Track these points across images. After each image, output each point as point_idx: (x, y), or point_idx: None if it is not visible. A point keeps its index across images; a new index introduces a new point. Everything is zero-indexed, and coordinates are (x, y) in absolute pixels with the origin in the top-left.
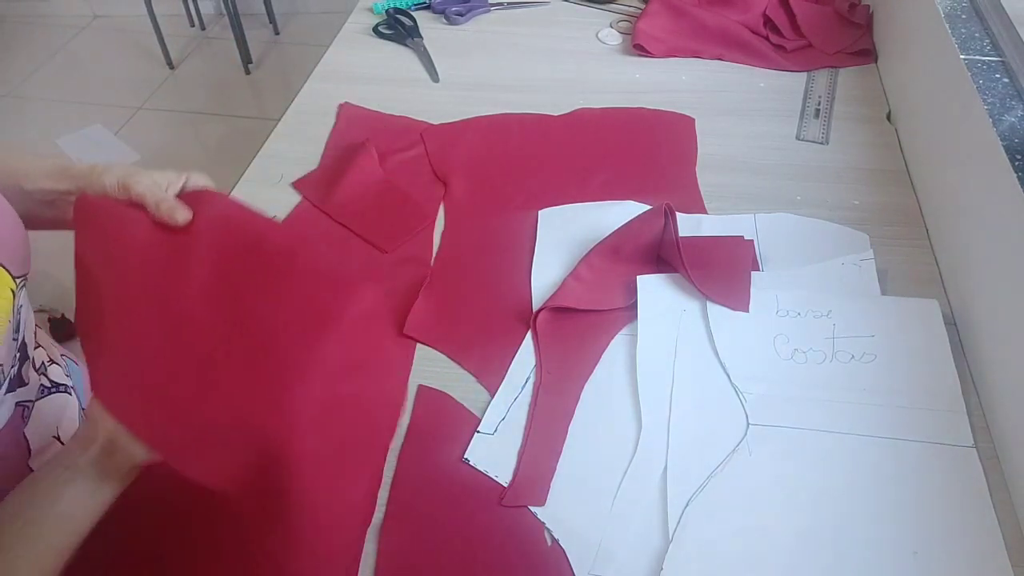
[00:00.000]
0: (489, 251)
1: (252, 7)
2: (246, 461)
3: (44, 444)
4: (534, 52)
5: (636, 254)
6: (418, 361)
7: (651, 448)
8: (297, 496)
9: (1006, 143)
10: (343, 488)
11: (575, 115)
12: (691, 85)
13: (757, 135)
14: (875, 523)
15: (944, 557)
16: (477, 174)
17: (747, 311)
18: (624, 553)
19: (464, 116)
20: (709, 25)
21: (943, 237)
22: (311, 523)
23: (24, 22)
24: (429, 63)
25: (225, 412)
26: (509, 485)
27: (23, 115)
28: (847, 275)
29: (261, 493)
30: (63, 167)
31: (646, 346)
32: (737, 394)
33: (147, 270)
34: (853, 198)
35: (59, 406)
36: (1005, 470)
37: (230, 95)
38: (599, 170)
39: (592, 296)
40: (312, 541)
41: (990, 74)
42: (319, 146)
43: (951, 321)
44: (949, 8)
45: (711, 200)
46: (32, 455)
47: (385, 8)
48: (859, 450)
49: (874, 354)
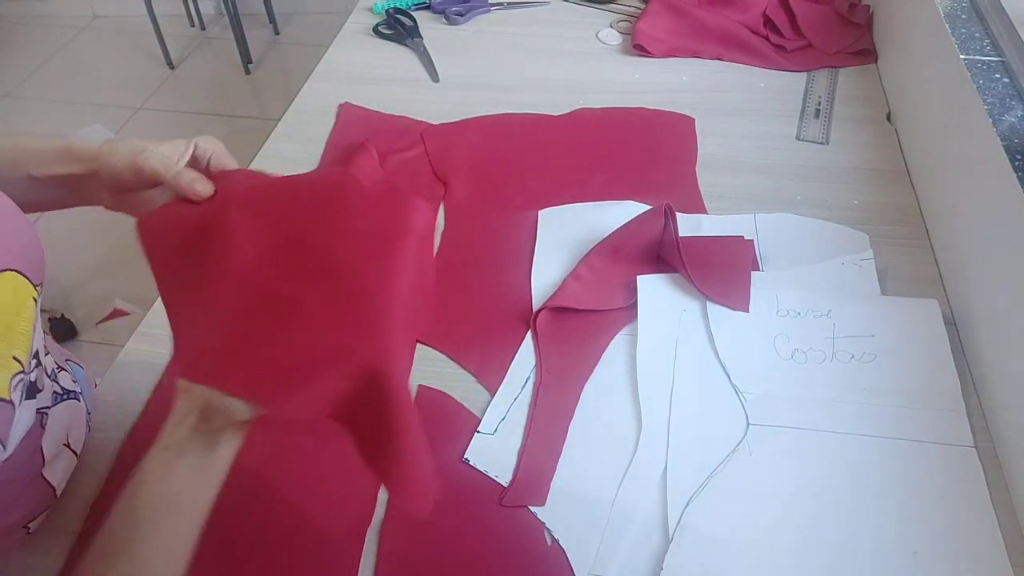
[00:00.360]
0: (489, 251)
1: (252, 7)
2: (345, 388)
3: (55, 452)
4: (534, 52)
5: (636, 254)
6: (418, 361)
7: (651, 448)
8: (404, 412)
9: (1006, 143)
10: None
11: (575, 115)
12: (691, 85)
13: (757, 135)
14: (875, 523)
15: (944, 557)
16: (477, 174)
17: (747, 311)
18: (624, 553)
19: (464, 116)
20: (709, 25)
21: (943, 237)
22: (417, 438)
23: (24, 22)
24: (429, 63)
25: (315, 346)
26: (509, 485)
27: (23, 115)
28: (847, 275)
29: (368, 415)
30: (68, 148)
31: (646, 346)
32: (737, 394)
33: (201, 247)
34: (853, 198)
35: (70, 414)
36: (1005, 470)
37: (230, 95)
38: (599, 170)
39: (592, 296)
40: (422, 456)
41: (990, 74)
42: (319, 146)
43: (951, 321)
44: (949, 8)
45: (711, 200)
46: (45, 464)
47: (385, 8)
48: (859, 450)
49: (874, 354)
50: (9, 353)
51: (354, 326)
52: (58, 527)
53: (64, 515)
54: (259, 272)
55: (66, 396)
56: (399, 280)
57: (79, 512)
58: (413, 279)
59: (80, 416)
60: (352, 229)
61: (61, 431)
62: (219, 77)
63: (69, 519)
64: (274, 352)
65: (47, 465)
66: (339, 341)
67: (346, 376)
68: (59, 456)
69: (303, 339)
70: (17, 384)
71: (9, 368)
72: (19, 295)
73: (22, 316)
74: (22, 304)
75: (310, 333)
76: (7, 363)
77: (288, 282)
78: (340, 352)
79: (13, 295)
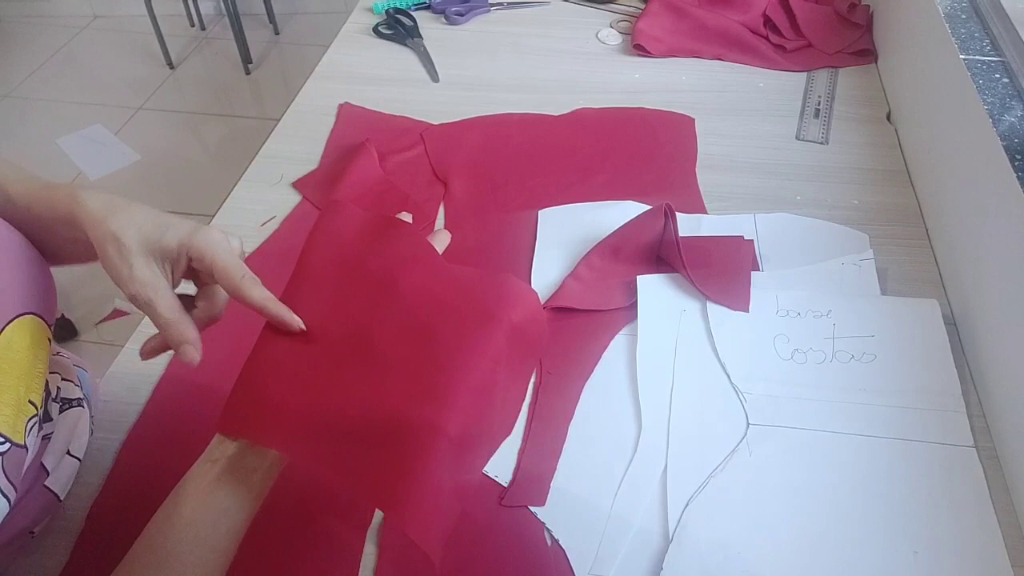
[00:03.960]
0: (489, 251)
1: (252, 7)
2: (381, 453)
3: (57, 462)
4: (534, 52)
5: (636, 254)
6: None
7: (651, 448)
8: (423, 473)
9: (1006, 143)
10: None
11: (575, 115)
12: (691, 85)
13: (757, 135)
14: (875, 523)
15: (944, 557)
16: (477, 174)
17: (747, 311)
18: (624, 553)
19: (464, 116)
20: (709, 25)
21: (943, 237)
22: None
23: (24, 22)
24: (429, 63)
25: (379, 408)
26: (509, 485)
27: (23, 115)
28: (847, 275)
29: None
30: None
31: (646, 346)
32: (737, 394)
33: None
34: (853, 198)
35: (70, 423)
36: (1005, 470)
37: (230, 95)
38: (599, 170)
39: (592, 296)
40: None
41: (990, 74)
42: (319, 146)
43: (951, 321)
44: (949, 8)
45: (711, 200)
46: (49, 475)
47: (385, 8)
48: (859, 450)
49: (874, 354)
50: (26, 397)
51: (421, 397)
52: (58, 527)
53: (64, 515)
54: (340, 311)
55: (67, 406)
56: (477, 363)
57: (79, 512)
58: (507, 371)
59: (83, 422)
60: (446, 302)
61: (63, 443)
62: (219, 77)
63: (69, 519)
64: (334, 410)
65: (50, 476)
66: (401, 408)
67: (391, 443)
68: (61, 465)
69: (367, 396)
70: (32, 427)
71: (26, 413)
72: (35, 338)
73: (39, 359)
74: (38, 347)
75: (378, 389)
76: (24, 408)
77: (369, 328)
78: (399, 420)
79: (31, 339)
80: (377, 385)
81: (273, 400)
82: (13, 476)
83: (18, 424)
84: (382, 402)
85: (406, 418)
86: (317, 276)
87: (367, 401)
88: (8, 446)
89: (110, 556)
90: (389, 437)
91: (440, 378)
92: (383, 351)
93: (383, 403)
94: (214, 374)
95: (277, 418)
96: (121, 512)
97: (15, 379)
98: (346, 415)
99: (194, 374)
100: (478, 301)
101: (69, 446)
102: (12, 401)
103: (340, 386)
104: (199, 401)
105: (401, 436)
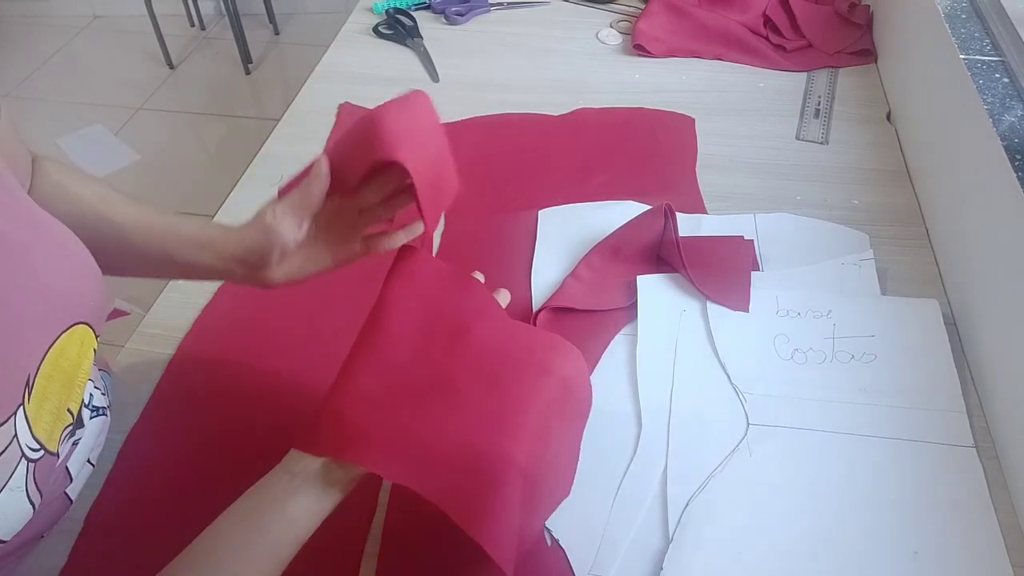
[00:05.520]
0: (489, 251)
1: (252, 7)
2: (463, 478)
3: (80, 467)
4: (534, 52)
5: (636, 254)
6: None
7: (651, 448)
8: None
9: (1006, 143)
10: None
11: (575, 115)
12: (691, 85)
13: (757, 135)
14: (875, 523)
15: (944, 557)
16: (477, 174)
17: (747, 311)
18: (624, 553)
19: (464, 116)
20: (709, 25)
21: (943, 237)
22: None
23: (24, 22)
24: (429, 63)
25: (458, 436)
26: None
27: (23, 115)
28: (847, 275)
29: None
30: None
31: (646, 346)
32: (737, 394)
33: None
34: (853, 198)
35: (95, 431)
36: (1005, 470)
37: (230, 95)
38: (599, 170)
39: (592, 296)
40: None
41: (990, 74)
42: (319, 146)
43: (951, 321)
44: (949, 8)
45: (711, 200)
46: (72, 482)
47: (385, 8)
48: (859, 450)
49: (874, 354)
50: (65, 406)
51: (496, 431)
52: (59, 527)
53: (65, 515)
54: (422, 353)
55: (94, 414)
56: (535, 406)
57: (79, 512)
58: (559, 420)
59: (104, 429)
60: (509, 348)
61: (88, 450)
62: (219, 77)
63: (70, 519)
64: (420, 437)
65: (73, 483)
66: (480, 440)
67: (472, 469)
68: (81, 472)
69: (450, 428)
70: (65, 436)
71: (63, 421)
72: (84, 347)
73: (82, 368)
74: (84, 356)
75: (462, 426)
76: (62, 416)
77: (448, 370)
78: (478, 450)
79: (79, 348)
80: (457, 419)
81: (361, 425)
82: (41, 482)
83: (54, 432)
84: (462, 434)
85: (485, 449)
86: (399, 320)
87: (450, 432)
88: (41, 453)
89: (110, 556)
90: (471, 463)
91: (509, 418)
92: (461, 391)
93: (463, 435)
94: (214, 375)
95: (367, 440)
96: (121, 512)
97: (60, 387)
98: (431, 442)
99: (194, 377)
100: (535, 354)
101: (90, 455)
102: (53, 409)
103: (425, 418)
104: (199, 402)
105: (481, 463)
